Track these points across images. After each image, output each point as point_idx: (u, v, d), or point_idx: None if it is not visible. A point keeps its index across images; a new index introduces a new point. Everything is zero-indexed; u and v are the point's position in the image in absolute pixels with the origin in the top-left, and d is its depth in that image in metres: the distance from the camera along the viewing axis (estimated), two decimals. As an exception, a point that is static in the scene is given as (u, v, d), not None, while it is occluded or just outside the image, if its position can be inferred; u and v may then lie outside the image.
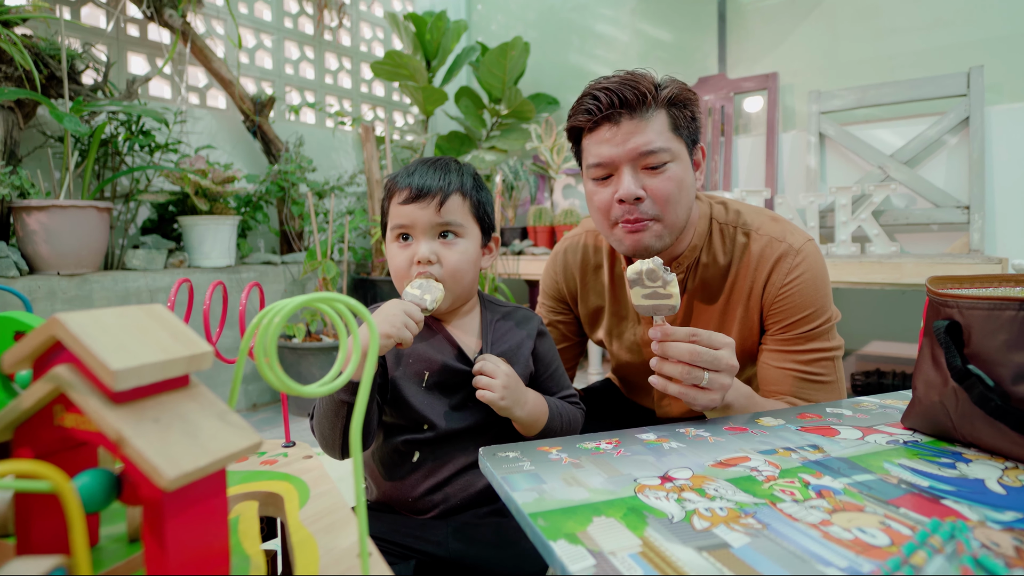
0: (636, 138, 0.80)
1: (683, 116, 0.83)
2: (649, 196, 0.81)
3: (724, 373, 0.68)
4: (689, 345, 0.67)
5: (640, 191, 0.81)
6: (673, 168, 0.82)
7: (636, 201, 0.81)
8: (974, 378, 0.53)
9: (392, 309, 0.69)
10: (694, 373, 0.67)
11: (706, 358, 0.67)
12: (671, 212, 0.82)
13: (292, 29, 2.92)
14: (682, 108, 0.83)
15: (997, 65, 2.03)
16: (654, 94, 0.80)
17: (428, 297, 0.71)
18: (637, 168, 0.82)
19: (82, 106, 1.76)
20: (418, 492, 0.76)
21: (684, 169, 0.83)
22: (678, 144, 0.83)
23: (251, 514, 0.41)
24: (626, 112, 0.80)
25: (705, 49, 2.74)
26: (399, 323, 0.68)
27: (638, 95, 0.79)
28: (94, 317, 0.30)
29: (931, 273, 1.66)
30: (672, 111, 0.82)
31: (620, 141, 0.81)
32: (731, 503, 0.46)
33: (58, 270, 1.76)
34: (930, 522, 0.42)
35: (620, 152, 0.81)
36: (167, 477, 0.27)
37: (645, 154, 0.80)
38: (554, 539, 0.41)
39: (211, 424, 0.31)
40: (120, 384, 0.28)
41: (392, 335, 0.67)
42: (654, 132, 0.80)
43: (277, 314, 0.32)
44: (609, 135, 0.82)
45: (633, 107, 0.80)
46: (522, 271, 2.54)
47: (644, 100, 0.80)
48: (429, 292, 0.72)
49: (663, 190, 0.81)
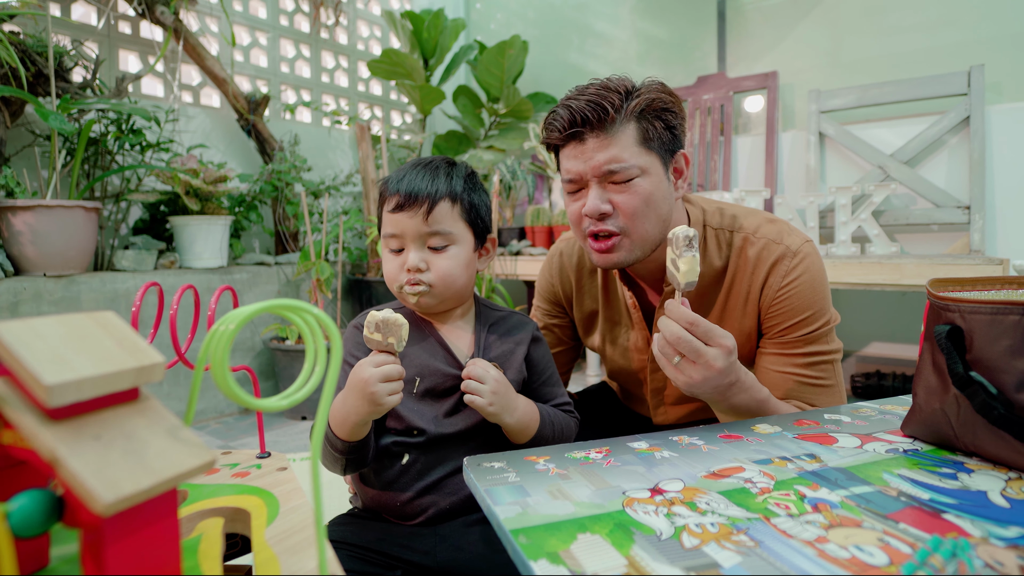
0: (600, 155, 0.79)
1: (654, 128, 0.81)
2: (617, 210, 0.81)
3: (699, 367, 0.68)
4: (675, 328, 0.68)
5: (605, 207, 0.81)
6: (640, 183, 0.80)
7: (602, 217, 0.81)
8: (976, 385, 0.51)
9: (367, 380, 0.65)
10: (667, 351, 0.69)
11: (685, 347, 0.67)
12: (639, 227, 0.82)
13: (288, 27, 2.89)
14: (653, 120, 0.80)
15: (998, 64, 2.01)
16: (620, 108, 0.79)
17: (393, 340, 0.65)
18: (604, 183, 0.81)
19: (70, 104, 1.74)
20: (407, 496, 0.75)
21: (654, 183, 0.81)
22: (647, 158, 0.81)
23: (215, 532, 0.39)
24: (589, 130, 0.80)
25: (705, 48, 2.72)
26: (382, 395, 0.65)
27: (600, 112, 0.78)
28: (30, 326, 0.28)
29: (932, 274, 1.64)
30: (642, 124, 0.80)
31: (586, 158, 0.81)
32: (723, 518, 0.44)
33: (45, 271, 1.73)
34: (931, 539, 0.40)
35: (586, 168, 0.81)
36: (103, 501, 0.25)
37: (609, 172, 0.80)
38: (535, 558, 0.38)
39: (159, 441, 0.29)
40: (55, 400, 0.26)
41: (377, 411, 0.66)
42: (619, 148, 0.79)
43: (231, 322, 0.30)
44: (576, 151, 0.81)
45: (595, 125, 0.79)
46: (520, 271, 2.52)
47: (607, 116, 0.78)
48: (392, 333, 0.65)
49: (629, 205, 0.80)
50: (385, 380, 0.65)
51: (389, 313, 0.64)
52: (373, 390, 0.64)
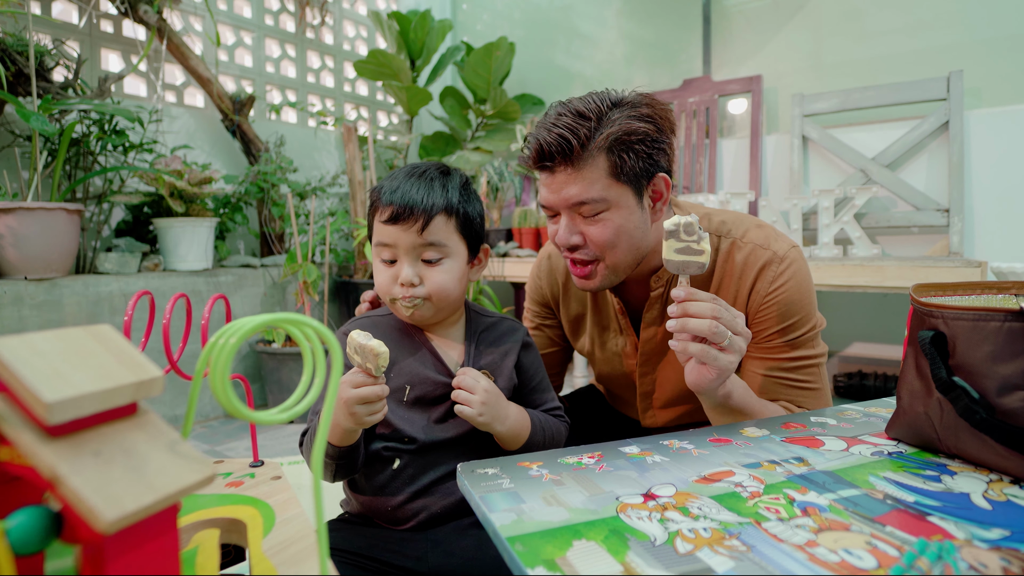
0: (568, 188, 0.80)
1: (625, 160, 0.78)
2: (588, 241, 0.82)
3: (742, 338, 0.70)
4: (713, 304, 0.67)
5: (575, 239, 0.82)
6: (609, 216, 0.80)
7: (573, 248, 0.83)
8: (959, 390, 0.53)
9: (346, 400, 0.64)
10: (720, 328, 0.67)
11: (727, 318, 0.68)
12: (611, 256, 0.83)
13: (273, 26, 2.87)
14: (626, 150, 0.78)
15: (976, 70, 2.05)
16: (588, 140, 0.77)
17: (371, 366, 0.63)
18: (574, 215, 0.82)
19: (51, 104, 1.71)
20: (398, 500, 0.75)
21: (624, 216, 0.81)
22: (617, 190, 0.79)
23: (211, 544, 0.39)
24: (559, 163, 0.79)
25: (690, 51, 2.74)
26: (361, 416, 0.65)
27: (567, 147, 0.77)
28: (28, 341, 0.28)
29: (912, 276, 1.68)
30: (611, 157, 0.78)
31: (555, 189, 0.81)
32: (715, 523, 0.45)
33: (25, 275, 1.70)
34: (917, 542, 0.41)
35: (556, 199, 0.82)
36: (106, 519, 0.25)
37: (577, 204, 0.80)
38: (532, 566, 0.39)
39: (159, 457, 0.29)
40: (55, 417, 0.26)
41: (360, 426, 0.66)
42: (587, 182, 0.78)
43: (233, 335, 0.30)
44: (547, 181, 0.82)
45: (563, 159, 0.78)
46: (507, 273, 2.52)
47: (572, 151, 0.77)
48: (369, 360, 0.63)
49: (600, 237, 0.81)
50: (363, 403, 0.64)
51: (368, 339, 0.62)
52: (353, 411, 0.64)
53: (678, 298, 0.69)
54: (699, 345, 0.68)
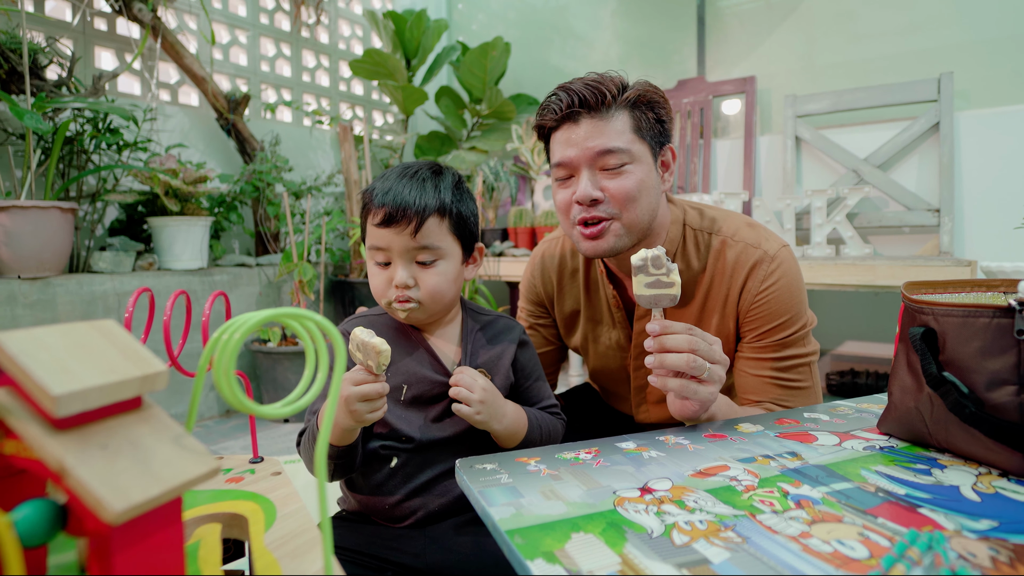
0: (595, 138, 0.81)
1: (646, 118, 0.84)
2: (607, 197, 0.83)
3: (720, 366, 0.69)
4: (688, 336, 0.67)
5: (597, 193, 0.82)
6: (632, 169, 0.82)
7: (593, 203, 0.82)
8: (949, 385, 0.54)
9: (347, 397, 0.64)
10: (698, 362, 0.66)
11: (704, 348, 0.67)
12: (630, 211, 0.83)
13: (268, 25, 2.86)
14: (646, 110, 0.84)
15: (966, 72, 2.07)
16: (616, 95, 0.82)
17: (372, 364, 0.64)
18: (596, 170, 0.83)
19: (45, 102, 1.70)
20: (395, 498, 0.75)
21: (645, 171, 0.84)
22: (639, 146, 0.83)
23: (213, 539, 0.39)
24: (586, 112, 0.82)
25: (684, 52, 2.76)
26: (361, 413, 0.65)
27: (599, 96, 0.81)
28: (34, 336, 0.28)
29: (904, 275, 1.69)
30: (635, 113, 0.83)
31: (579, 141, 0.82)
32: (711, 515, 0.45)
33: (19, 273, 1.69)
34: (908, 533, 0.42)
35: (579, 153, 0.82)
36: (113, 510, 0.25)
37: (603, 153, 0.81)
38: (531, 558, 0.39)
39: (165, 449, 0.29)
40: (62, 410, 0.26)
41: (360, 424, 0.67)
42: (614, 132, 0.81)
43: (237, 330, 0.31)
44: (570, 135, 0.83)
45: (593, 107, 0.81)
46: (503, 272, 2.53)
47: (604, 101, 0.81)
48: (371, 357, 0.63)
49: (620, 191, 0.82)
50: (364, 400, 0.65)
51: (371, 337, 0.62)
52: (353, 408, 0.65)
53: (653, 332, 0.68)
54: (678, 380, 0.68)
